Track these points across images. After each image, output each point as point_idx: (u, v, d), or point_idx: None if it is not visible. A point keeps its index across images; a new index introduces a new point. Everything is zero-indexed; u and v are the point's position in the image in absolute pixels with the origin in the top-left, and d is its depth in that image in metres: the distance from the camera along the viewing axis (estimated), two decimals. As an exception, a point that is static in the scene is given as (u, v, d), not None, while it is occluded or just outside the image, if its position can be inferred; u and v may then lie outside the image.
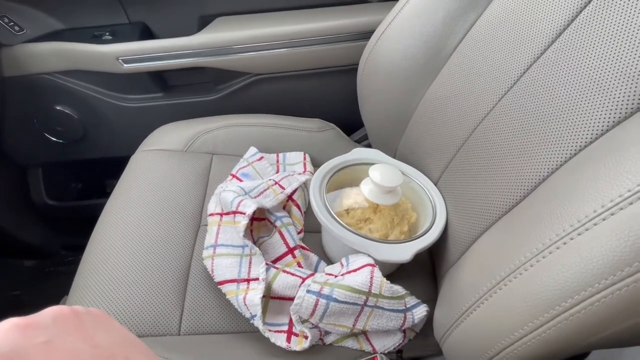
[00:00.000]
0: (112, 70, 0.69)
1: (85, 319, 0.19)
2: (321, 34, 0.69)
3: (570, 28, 0.36)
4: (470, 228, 0.42)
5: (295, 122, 0.69)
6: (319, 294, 0.40)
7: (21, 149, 0.81)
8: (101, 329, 0.19)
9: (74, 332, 0.18)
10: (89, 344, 0.17)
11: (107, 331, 0.19)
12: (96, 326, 0.19)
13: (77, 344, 0.17)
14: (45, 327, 0.17)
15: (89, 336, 0.18)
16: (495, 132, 0.41)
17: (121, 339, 0.20)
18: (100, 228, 0.54)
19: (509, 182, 0.38)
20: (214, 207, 0.54)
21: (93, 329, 0.19)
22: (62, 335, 0.17)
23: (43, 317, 0.17)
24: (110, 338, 0.19)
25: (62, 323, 0.18)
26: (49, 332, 0.17)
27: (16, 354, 0.15)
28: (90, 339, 0.18)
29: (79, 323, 0.18)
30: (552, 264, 0.27)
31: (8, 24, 0.67)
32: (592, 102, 0.32)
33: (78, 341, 0.17)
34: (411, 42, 0.55)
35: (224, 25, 0.71)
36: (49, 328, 0.17)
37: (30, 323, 0.17)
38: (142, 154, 0.63)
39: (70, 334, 0.17)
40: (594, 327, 0.27)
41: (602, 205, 0.25)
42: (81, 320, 0.19)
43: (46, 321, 0.17)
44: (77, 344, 0.17)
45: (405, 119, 0.58)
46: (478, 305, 0.32)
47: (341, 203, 0.50)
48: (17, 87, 0.71)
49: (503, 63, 0.42)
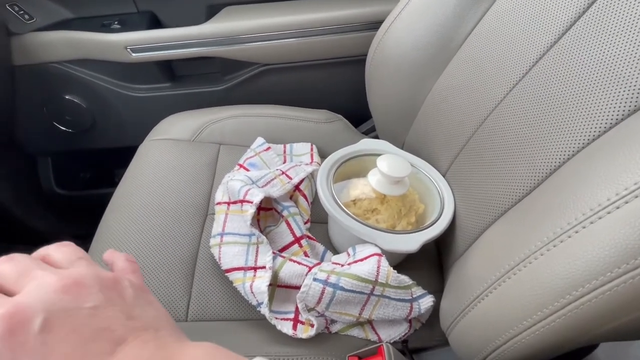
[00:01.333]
0: (120, 59, 0.70)
1: (126, 291, 0.20)
2: (329, 24, 0.69)
3: (586, 15, 0.35)
4: (478, 219, 0.42)
5: (302, 113, 0.69)
6: (325, 282, 0.40)
7: (31, 138, 0.82)
8: (139, 302, 0.20)
9: (115, 301, 0.19)
10: (126, 314, 0.19)
11: (143, 304, 0.20)
12: (134, 298, 0.20)
13: (116, 313, 0.19)
14: (93, 294, 0.19)
15: (126, 307, 0.19)
16: (506, 122, 0.41)
17: (154, 314, 0.21)
18: (108, 216, 0.54)
19: (519, 173, 0.37)
20: (221, 196, 0.54)
21: (131, 301, 0.20)
22: (105, 303, 0.19)
23: (90, 282, 0.19)
24: (144, 312, 0.20)
25: (107, 291, 0.19)
26: (95, 298, 0.18)
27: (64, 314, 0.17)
28: (127, 310, 0.19)
29: (121, 293, 0.20)
30: (563, 253, 0.27)
31: (18, 12, 0.67)
32: (607, 90, 0.31)
33: (117, 310, 0.19)
34: (421, 33, 0.54)
35: (232, 14, 0.71)
36: (96, 294, 0.19)
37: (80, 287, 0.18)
38: (150, 143, 0.63)
39: (112, 303, 0.19)
40: (603, 317, 0.26)
41: (616, 193, 0.25)
42: (123, 290, 0.20)
43: (94, 287, 0.19)
44: (116, 312, 0.19)
45: (413, 110, 0.57)
46: (486, 295, 0.32)
47: (348, 193, 0.50)
48: (27, 76, 0.72)
49: (514, 53, 0.42)
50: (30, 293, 0.17)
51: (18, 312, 0.16)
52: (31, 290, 0.17)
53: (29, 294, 0.17)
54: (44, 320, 0.17)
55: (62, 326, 0.17)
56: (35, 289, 0.18)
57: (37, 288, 0.18)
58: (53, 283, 0.18)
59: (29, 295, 0.17)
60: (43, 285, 0.18)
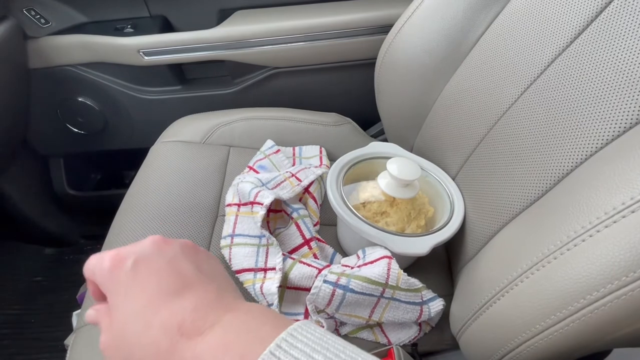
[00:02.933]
0: (133, 62, 0.71)
1: (200, 254, 0.26)
2: (339, 28, 0.69)
3: (599, 19, 0.35)
4: (489, 223, 0.41)
5: (311, 115, 0.69)
6: (335, 284, 0.41)
7: (44, 140, 0.84)
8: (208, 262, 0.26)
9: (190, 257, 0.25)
10: (196, 267, 0.24)
11: (212, 265, 0.26)
12: (206, 259, 0.26)
13: (189, 265, 0.24)
14: (174, 249, 0.25)
15: (198, 263, 0.25)
16: (517, 126, 0.41)
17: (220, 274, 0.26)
18: (120, 217, 0.55)
19: (531, 176, 0.37)
20: (231, 197, 0.54)
21: (203, 260, 0.26)
22: (182, 257, 0.24)
23: (174, 242, 0.25)
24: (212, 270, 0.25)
25: (185, 249, 0.25)
26: (174, 252, 0.24)
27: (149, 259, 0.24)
28: (198, 265, 0.25)
29: (196, 253, 0.26)
30: (578, 256, 0.27)
31: (35, 16, 0.69)
32: (620, 94, 0.31)
33: (190, 262, 0.24)
34: (431, 37, 0.54)
35: (242, 18, 0.71)
36: (176, 250, 0.25)
37: (165, 243, 0.25)
38: (161, 145, 0.64)
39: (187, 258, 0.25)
40: (618, 322, 0.26)
41: (631, 197, 0.25)
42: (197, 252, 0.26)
43: (176, 245, 0.25)
44: (189, 264, 0.24)
45: (423, 113, 0.57)
46: (498, 298, 0.32)
47: (357, 196, 0.50)
48: (41, 79, 0.73)
49: (526, 56, 0.42)
50: (131, 246, 0.25)
51: (118, 254, 0.24)
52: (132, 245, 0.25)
53: (130, 246, 0.25)
54: (134, 262, 0.23)
55: (146, 267, 0.23)
56: (135, 244, 0.25)
57: (136, 244, 0.25)
58: (147, 241, 0.25)
59: (130, 247, 0.24)
60: (140, 242, 0.25)
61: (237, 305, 0.23)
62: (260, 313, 0.22)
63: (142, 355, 0.21)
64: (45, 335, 0.80)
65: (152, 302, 0.22)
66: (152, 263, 0.23)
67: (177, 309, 0.22)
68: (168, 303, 0.22)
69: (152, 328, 0.21)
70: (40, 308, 0.84)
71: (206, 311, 0.22)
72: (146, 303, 0.22)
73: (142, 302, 0.22)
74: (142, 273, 0.23)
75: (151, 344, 0.21)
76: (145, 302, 0.22)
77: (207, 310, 0.22)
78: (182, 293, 0.22)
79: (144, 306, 0.22)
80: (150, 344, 0.21)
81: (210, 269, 0.25)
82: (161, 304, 0.22)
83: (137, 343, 0.21)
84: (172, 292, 0.22)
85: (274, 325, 0.20)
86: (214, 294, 0.23)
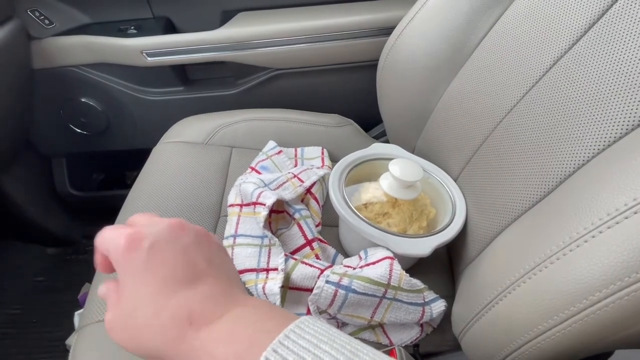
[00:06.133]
0: (136, 63, 0.71)
1: (213, 244, 0.26)
2: (342, 30, 0.70)
3: (601, 21, 0.35)
4: (491, 224, 0.42)
5: (313, 117, 0.69)
6: (338, 284, 0.41)
7: (46, 140, 0.84)
8: (220, 255, 0.26)
9: (203, 246, 0.25)
10: (208, 259, 0.25)
11: (223, 258, 0.26)
12: (218, 251, 0.26)
13: (201, 255, 0.25)
14: (189, 235, 0.25)
15: (210, 254, 0.25)
16: (519, 128, 0.41)
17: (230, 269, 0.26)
18: (122, 217, 0.55)
19: (533, 178, 0.37)
20: (234, 198, 0.54)
21: (215, 251, 0.26)
22: (195, 245, 0.25)
23: (190, 227, 0.26)
24: (223, 263, 0.26)
25: (199, 237, 0.26)
26: (189, 239, 0.25)
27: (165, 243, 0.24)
28: (210, 256, 0.25)
29: (209, 243, 0.26)
30: (580, 257, 0.27)
31: (39, 17, 0.69)
32: (624, 96, 0.31)
33: (202, 253, 0.25)
34: (433, 39, 0.54)
35: (245, 20, 0.72)
36: (190, 237, 0.25)
37: (181, 228, 0.25)
38: (164, 145, 0.64)
39: (200, 247, 0.25)
40: (620, 323, 0.26)
41: (634, 198, 0.25)
42: (211, 242, 0.26)
43: (191, 231, 0.25)
44: (201, 254, 0.25)
45: (424, 115, 0.58)
46: (500, 299, 0.32)
47: (360, 197, 0.50)
48: (45, 79, 0.74)
49: (528, 58, 0.42)
50: (148, 226, 0.25)
51: (135, 233, 0.23)
52: (149, 225, 0.25)
53: (147, 227, 0.25)
54: (151, 243, 0.23)
55: (162, 251, 0.23)
56: (152, 225, 0.25)
57: (153, 225, 0.25)
58: (164, 223, 0.25)
59: (147, 228, 0.24)
60: (158, 223, 0.25)
61: (244, 300, 0.23)
62: (267, 308, 0.23)
63: (149, 339, 0.22)
64: (47, 335, 0.80)
65: (164, 290, 0.22)
66: (167, 249, 0.24)
67: (187, 299, 0.22)
68: (179, 293, 0.22)
69: (162, 316, 0.22)
70: (42, 308, 0.84)
71: (215, 303, 0.22)
72: (158, 290, 0.22)
73: (154, 287, 0.22)
74: (156, 258, 0.23)
75: (160, 331, 0.22)
76: (157, 288, 0.22)
77: (217, 302, 0.22)
78: (193, 283, 0.23)
79: (156, 292, 0.22)
80: (159, 332, 0.22)
81: (222, 262, 0.26)
82: (172, 293, 0.22)
83: (146, 328, 0.22)
84: (183, 281, 0.23)
85: (280, 319, 0.21)
86: (223, 287, 0.24)
